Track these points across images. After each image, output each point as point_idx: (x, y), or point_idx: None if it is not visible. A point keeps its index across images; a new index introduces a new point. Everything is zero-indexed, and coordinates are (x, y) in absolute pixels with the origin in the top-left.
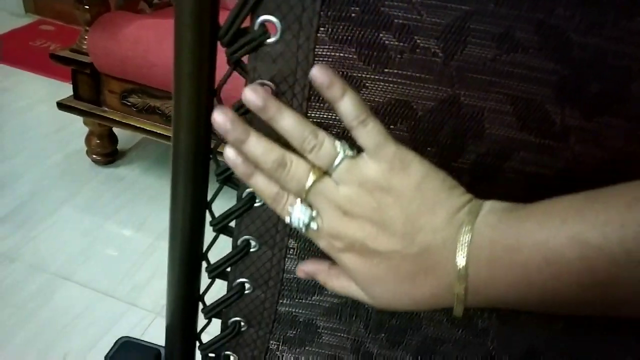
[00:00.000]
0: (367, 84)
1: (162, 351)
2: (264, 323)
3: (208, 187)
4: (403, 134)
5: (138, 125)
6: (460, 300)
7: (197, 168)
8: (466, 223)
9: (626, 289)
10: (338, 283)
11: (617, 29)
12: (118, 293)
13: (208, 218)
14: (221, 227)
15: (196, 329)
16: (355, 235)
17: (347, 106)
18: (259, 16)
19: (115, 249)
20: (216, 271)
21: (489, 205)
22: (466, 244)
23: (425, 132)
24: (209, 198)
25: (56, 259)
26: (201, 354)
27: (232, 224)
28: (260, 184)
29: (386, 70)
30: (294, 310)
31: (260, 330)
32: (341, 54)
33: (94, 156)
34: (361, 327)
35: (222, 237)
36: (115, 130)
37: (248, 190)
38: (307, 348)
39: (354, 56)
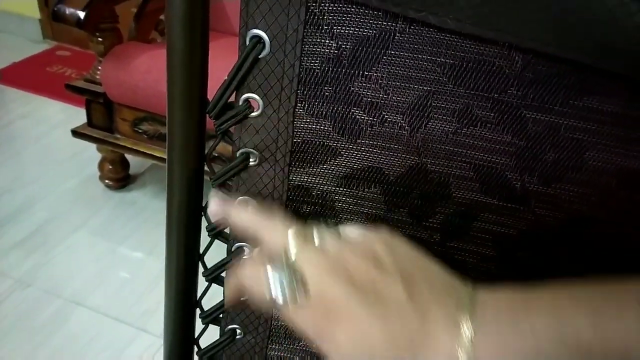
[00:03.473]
0: (342, 152)
1: None
2: None
3: (200, 240)
4: (377, 196)
5: (149, 152)
6: None
7: (189, 225)
8: (468, 309)
9: None
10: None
11: (567, 106)
12: (129, 318)
13: (201, 269)
14: (213, 276)
15: None
16: (349, 297)
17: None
18: (242, 94)
19: (128, 273)
20: (210, 317)
21: (483, 295)
22: (468, 332)
23: (397, 195)
24: (201, 250)
25: (70, 284)
26: None
27: (224, 274)
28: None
29: (359, 140)
30: (283, 354)
31: None
32: (318, 126)
33: (107, 181)
34: None
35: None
36: (127, 156)
37: (237, 244)
38: None
39: (329, 128)
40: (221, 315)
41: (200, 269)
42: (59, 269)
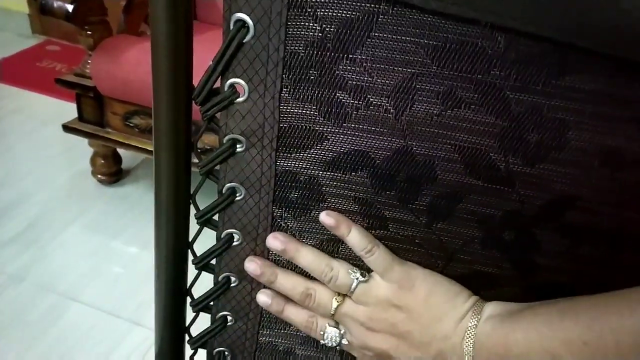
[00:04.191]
0: (329, 137)
1: None
2: (246, 352)
3: (189, 228)
4: (364, 180)
5: (141, 146)
6: None
7: (178, 213)
8: (469, 330)
9: None
10: None
11: (549, 86)
12: (123, 312)
13: (191, 257)
14: (203, 264)
15: (184, 358)
16: (381, 347)
17: (355, 240)
18: (227, 79)
19: (121, 267)
20: (200, 305)
21: (488, 310)
22: (470, 350)
23: (384, 178)
24: (190, 239)
25: (64, 279)
26: None
27: (213, 261)
28: (292, 315)
29: (344, 124)
30: (274, 340)
31: (243, 359)
32: (303, 111)
33: (99, 176)
34: (337, 356)
35: (204, 273)
36: (120, 150)
37: (226, 231)
38: None
39: (315, 112)
40: (212, 303)
41: (190, 258)
42: (53, 264)
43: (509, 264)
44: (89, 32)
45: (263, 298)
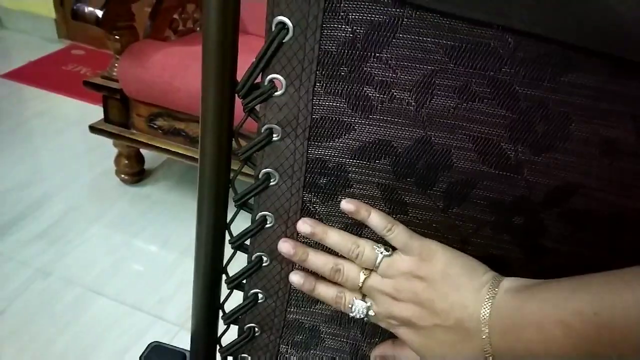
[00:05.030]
0: (356, 127)
1: (187, 355)
2: (275, 329)
3: (227, 210)
4: (387, 167)
5: (163, 147)
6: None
7: (218, 195)
8: (486, 301)
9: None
10: (403, 353)
11: (554, 82)
12: (145, 306)
13: (227, 237)
14: (238, 244)
15: (217, 334)
16: (405, 315)
17: (375, 221)
18: (267, 75)
19: (142, 265)
20: (234, 282)
21: (505, 284)
22: (487, 319)
23: (404, 165)
24: (228, 220)
25: (88, 273)
26: (221, 356)
27: (247, 242)
28: (323, 292)
29: (370, 116)
30: (300, 317)
31: (271, 335)
32: (334, 104)
33: (123, 176)
34: (358, 332)
35: (239, 253)
36: (143, 151)
37: (260, 213)
38: (312, 351)
39: (345, 105)
40: (244, 281)
41: (227, 238)
42: (77, 259)
43: (518, 248)
44: (116, 37)
45: (296, 278)
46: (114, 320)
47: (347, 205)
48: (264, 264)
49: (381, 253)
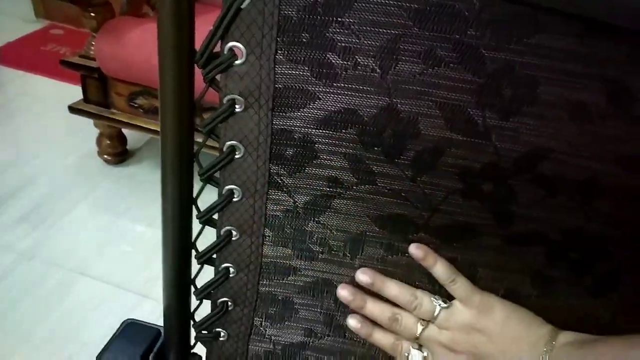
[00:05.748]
0: (320, 96)
1: (162, 330)
2: (247, 302)
3: (193, 185)
4: (354, 137)
5: (145, 126)
6: None
7: (182, 170)
8: (544, 354)
9: None
10: None
11: (520, 44)
12: (131, 286)
13: (195, 212)
14: (206, 219)
15: (190, 310)
16: None
17: (441, 271)
18: (227, 43)
19: (129, 245)
20: (204, 258)
21: (561, 338)
22: None
23: (371, 134)
24: (194, 194)
25: (73, 255)
26: (195, 331)
27: (216, 216)
28: (379, 337)
29: (335, 84)
30: (273, 289)
31: (245, 308)
32: (296, 72)
33: (105, 156)
34: (331, 302)
35: (208, 228)
36: (124, 131)
37: (227, 187)
38: (286, 323)
39: (307, 73)
40: (215, 256)
41: (195, 214)
42: (62, 241)
43: (488, 214)
44: (92, 14)
45: (353, 323)
46: (100, 301)
47: (416, 251)
48: (233, 238)
49: (439, 305)
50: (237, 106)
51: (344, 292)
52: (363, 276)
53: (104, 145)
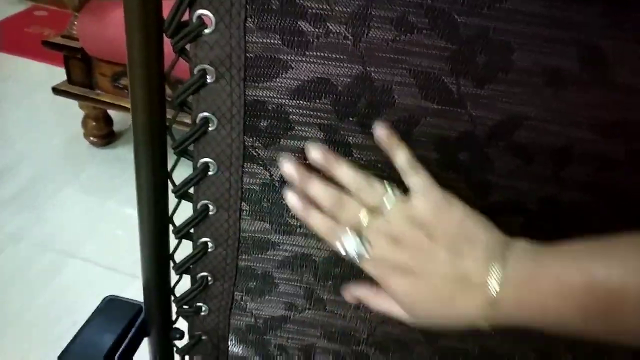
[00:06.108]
0: (292, 65)
1: (144, 306)
2: (227, 277)
3: (167, 159)
4: (328, 107)
5: (130, 106)
6: (489, 321)
7: (154, 143)
8: (499, 256)
9: (625, 322)
10: (384, 305)
11: (493, 9)
12: (121, 267)
13: (170, 187)
14: (181, 193)
15: (170, 285)
16: (403, 259)
17: (402, 159)
18: (195, 11)
19: (117, 226)
20: (181, 232)
21: (519, 243)
22: (500, 274)
23: (346, 104)
24: (169, 169)
25: (61, 237)
26: (176, 306)
27: (192, 190)
28: (316, 220)
29: (307, 52)
30: (252, 264)
31: (225, 283)
32: (267, 40)
33: (92, 138)
34: (311, 276)
35: (185, 203)
36: (110, 112)
37: (202, 160)
38: (267, 297)
39: (278, 41)
40: (192, 231)
41: (170, 188)
42: (50, 224)
43: (464, 185)
44: None
45: (292, 198)
46: (90, 282)
47: (381, 131)
48: (210, 213)
49: (395, 196)
50: (208, 77)
51: (286, 166)
52: (314, 152)
53: (89, 127)
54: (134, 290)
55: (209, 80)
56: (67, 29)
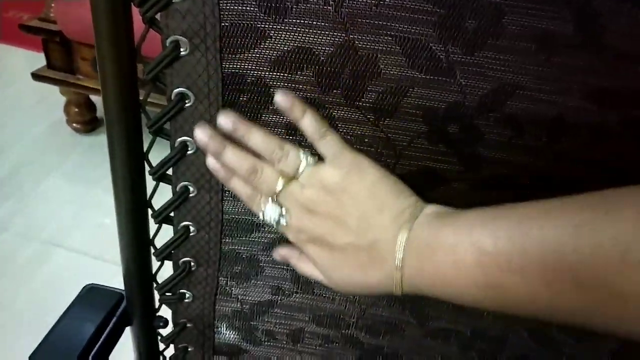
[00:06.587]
0: (271, 34)
1: (125, 294)
2: (211, 261)
3: (143, 139)
4: (310, 79)
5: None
6: (398, 287)
7: (128, 122)
8: (406, 224)
9: (514, 294)
10: (306, 268)
11: None
12: (108, 256)
13: (148, 169)
14: (159, 175)
15: (151, 272)
16: (317, 230)
17: (308, 123)
18: None
19: (104, 215)
20: (161, 216)
21: (427, 209)
22: (403, 242)
23: (329, 75)
24: (145, 149)
25: (47, 227)
26: (158, 293)
27: (170, 172)
28: (238, 186)
29: (286, 20)
30: (236, 247)
31: (209, 268)
32: (243, 7)
33: (75, 125)
34: None
35: (164, 185)
36: (93, 98)
37: (179, 139)
38: (253, 281)
39: (255, 8)
40: (172, 214)
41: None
42: (34, 213)
43: (455, 159)
44: None
45: (212, 163)
46: (77, 272)
47: (281, 98)
48: (190, 195)
49: (306, 160)
50: (181, 49)
51: (199, 133)
52: (224, 120)
53: (72, 113)
54: (120, 279)
55: (182, 53)
56: (44, 12)
